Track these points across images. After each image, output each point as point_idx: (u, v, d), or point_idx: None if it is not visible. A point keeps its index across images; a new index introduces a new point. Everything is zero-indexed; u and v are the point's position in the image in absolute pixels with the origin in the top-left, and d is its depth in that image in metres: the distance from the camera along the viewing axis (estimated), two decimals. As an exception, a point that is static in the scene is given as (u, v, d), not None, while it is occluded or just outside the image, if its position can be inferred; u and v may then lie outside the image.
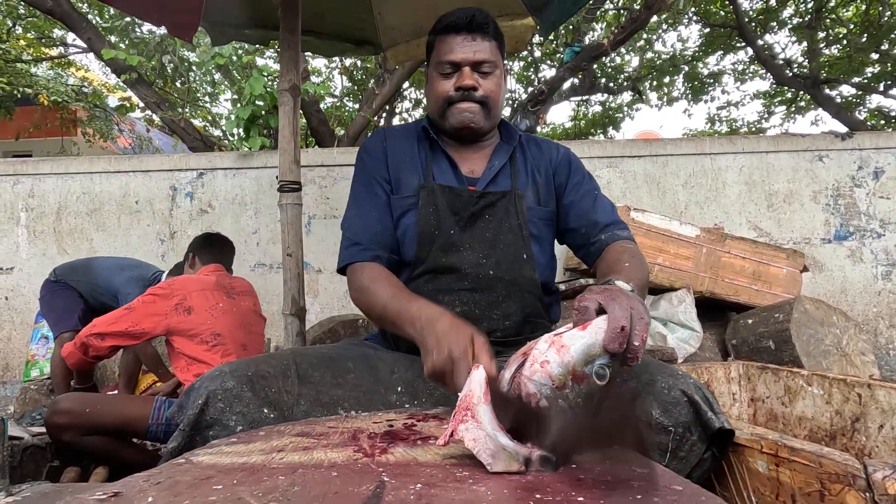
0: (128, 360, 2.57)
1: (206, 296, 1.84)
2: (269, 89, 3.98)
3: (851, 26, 7.24)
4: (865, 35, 6.80)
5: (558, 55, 7.24)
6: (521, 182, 1.17)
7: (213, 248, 2.15)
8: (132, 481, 0.58)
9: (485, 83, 1.12)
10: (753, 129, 10.01)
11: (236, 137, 4.64)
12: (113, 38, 5.75)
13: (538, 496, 0.53)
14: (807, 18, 6.99)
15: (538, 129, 6.64)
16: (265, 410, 0.89)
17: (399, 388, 1.02)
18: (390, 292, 1.00)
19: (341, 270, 1.13)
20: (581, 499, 0.52)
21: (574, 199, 1.18)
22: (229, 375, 0.89)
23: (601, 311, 0.70)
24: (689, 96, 9.42)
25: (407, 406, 1.00)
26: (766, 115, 9.86)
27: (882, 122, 8.37)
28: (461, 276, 1.08)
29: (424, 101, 9.23)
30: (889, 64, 7.11)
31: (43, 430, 1.73)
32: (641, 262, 1.02)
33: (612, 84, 8.35)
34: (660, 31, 8.21)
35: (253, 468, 0.62)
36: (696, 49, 8.60)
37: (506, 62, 1.22)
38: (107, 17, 6.47)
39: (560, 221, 1.20)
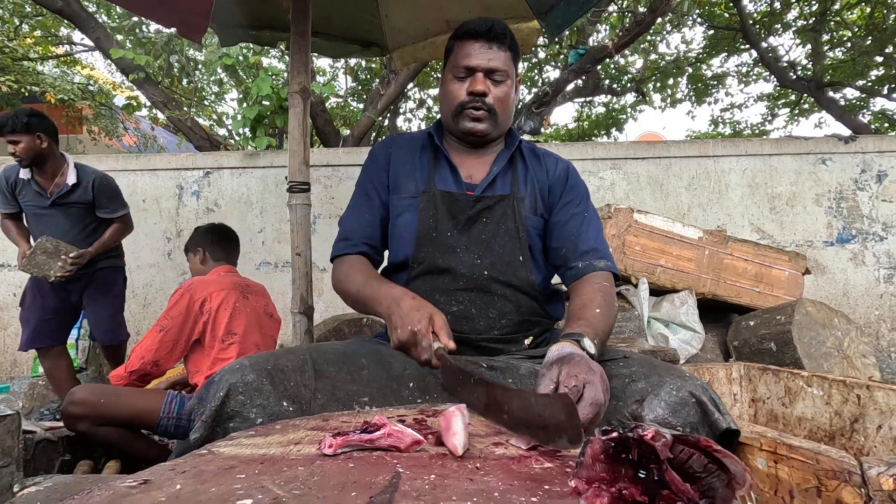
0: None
1: (224, 296, 1.89)
2: (275, 89, 4.02)
3: (856, 29, 7.24)
4: (870, 38, 6.80)
5: (563, 57, 7.25)
6: (520, 188, 1.20)
7: (226, 248, 2.16)
8: (159, 470, 0.61)
9: (495, 90, 1.15)
10: (757, 131, 10.01)
11: (242, 137, 4.68)
12: (120, 38, 5.79)
13: (546, 487, 0.55)
14: (811, 21, 7.00)
15: (542, 130, 6.66)
16: (284, 403, 0.91)
17: (411, 384, 1.05)
18: (363, 278, 1.12)
19: (332, 261, 1.24)
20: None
21: (561, 219, 1.19)
22: (249, 369, 0.91)
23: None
24: (693, 98, 9.43)
25: (419, 401, 1.03)
26: (769, 118, 9.87)
27: (886, 125, 8.37)
28: (457, 276, 1.13)
29: (430, 101, 9.28)
30: (893, 67, 7.12)
31: (55, 424, 1.76)
32: (611, 305, 1.05)
33: (615, 86, 8.36)
34: (664, 32, 8.22)
35: (273, 459, 0.64)
36: (700, 51, 8.61)
37: (518, 74, 1.25)
38: (114, 16, 6.50)
39: (545, 236, 1.22)
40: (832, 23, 7.17)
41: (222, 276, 2.00)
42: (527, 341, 1.17)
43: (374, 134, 6.50)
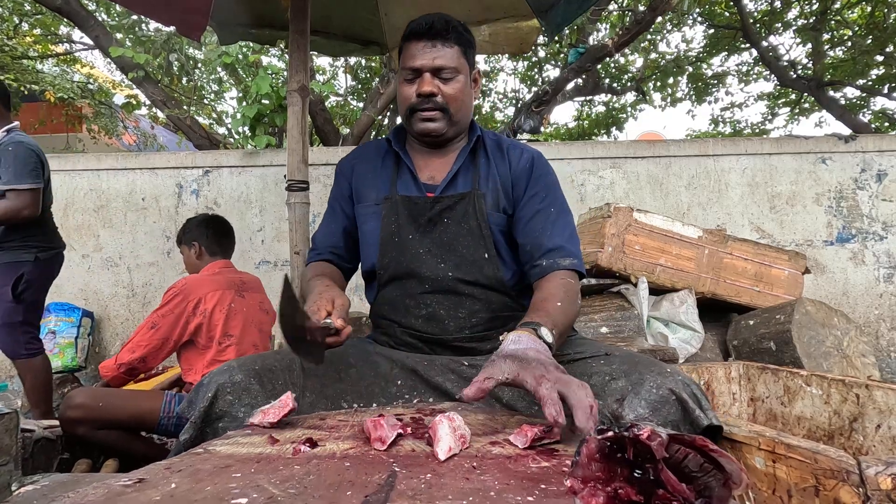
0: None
1: (219, 297, 1.88)
2: (274, 88, 4.01)
3: (856, 28, 7.23)
4: (870, 37, 6.79)
5: (562, 56, 7.24)
6: (481, 184, 1.17)
7: (223, 242, 2.13)
8: (155, 469, 0.61)
9: (445, 89, 1.13)
10: (757, 130, 10.00)
11: (242, 135, 4.68)
12: (119, 36, 5.78)
13: (543, 486, 0.55)
14: (811, 20, 6.99)
15: (542, 129, 6.66)
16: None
17: (399, 382, 1.06)
18: (310, 281, 1.16)
19: None
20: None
21: (526, 215, 1.15)
22: (237, 369, 0.93)
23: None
24: (693, 97, 9.41)
25: (407, 397, 1.03)
26: (769, 117, 9.85)
27: (886, 124, 8.36)
28: (422, 280, 1.13)
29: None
30: (894, 66, 7.11)
31: (53, 423, 1.76)
32: (573, 300, 1.03)
33: (615, 85, 8.35)
34: (664, 31, 8.21)
35: (269, 458, 0.64)
36: (701, 50, 8.59)
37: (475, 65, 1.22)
38: (114, 14, 6.50)
39: (511, 231, 1.18)
40: (833, 22, 7.16)
41: (217, 273, 1.98)
42: (501, 338, 1.15)
43: (373, 133, 6.50)
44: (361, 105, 7.40)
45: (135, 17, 5.77)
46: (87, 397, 1.64)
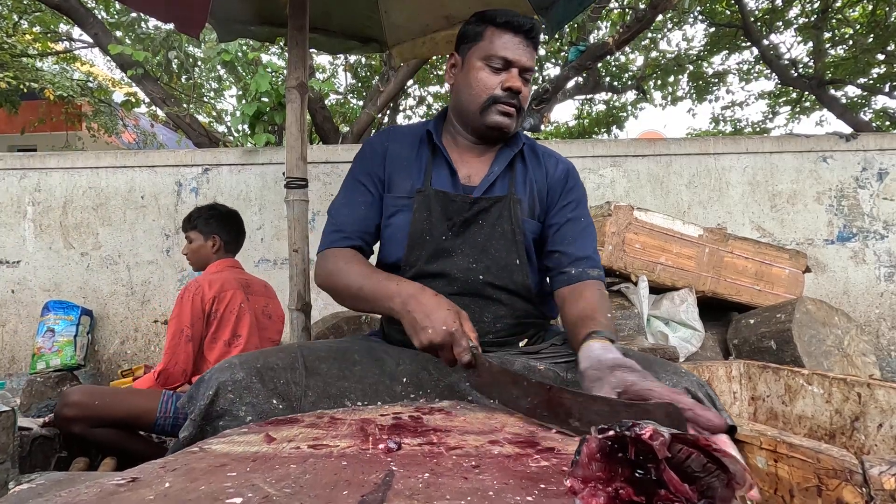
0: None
1: (231, 296, 1.88)
2: (274, 86, 4.00)
3: (858, 27, 7.22)
4: (872, 36, 6.78)
5: (563, 54, 7.23)
6: (518, 189, 1.17)
7: (240, 241, 2.11)
8: (149, 468, 0.60)
9: (524, 90, 1.13)
10: (758, 129, 9.99)
11: (241, 133, 4.67)
12: (119, 34, 5.77)
13: (542, 486, 0.54)
14: (813, 18, 6.97)
15: (542, 127, 6.64)
16: (274, 401, 0.91)
17: (404, 380, 1.04)
18: (366, 272, 1.05)
19: (319, 253, 1.17)
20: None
21: (558, 222, 1.17)
22: (239, 367, 0.91)
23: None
24: (694, 96, 9.39)
25: (412, 396, 1.02)
26: (770, 116, 9.84)
27: (887, 123, 8.35)
28: (451, 280, 1.10)
29: (430, 98, 9.25)
30: (895, 65, 7.09)
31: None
32: (611, 309, 1.05)
33: (616, 83, 8.34)
34: (665, 30, 8.19)
35: (265, 457, 0.63)
36: (701, 48, 8.58)
37: None
38: (113, 12, 6.49)
39: (541, 239, 1.19)
40: (834, 20, 7.14)
41: (226, 272, 1.97)
42: (521, 343, 1.15)
43: (373, 131, 6.49)
44: (361, 103, 7.39)
45: (134, 14, 5.76)
46: (82, 395, 1.63)
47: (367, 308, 1.05)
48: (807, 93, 7.67)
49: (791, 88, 8.08)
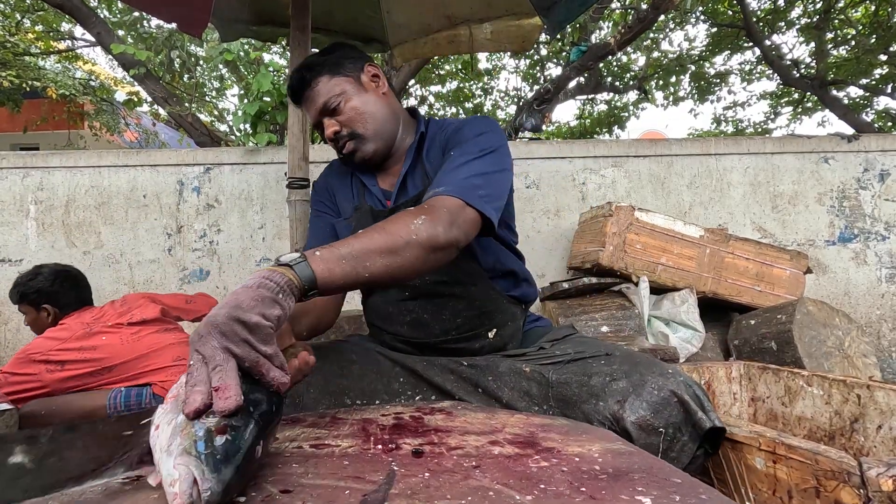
0: None
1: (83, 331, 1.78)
2: (276, 85, 4.01)
3: (860, 27, 7.20)
4: (874, 36, 6.76)
5: (564, 54, 7.23)
6: (431, 177, 1.12)
7: (81, 294, 1.96)
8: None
9: (342, 117, 1.12)
10: (759, 129, 9.98)
11: (243, 133, 4.67)
12: (121, 33, 5.78)
13: (542, 486, 0.55)
14: (815, 19, 6.96)
15: (543, 127, 6.65)
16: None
17: (401, 379, 1.06)
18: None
19: None
20: (584, 489, 0.54)
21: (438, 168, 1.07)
22: None
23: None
24: (696, 96, 9.39)
25: (409, 394, 1.03)
26: (772, 116, 9.83)
27: (889, 124, 8.33)
28: (402, 287, 1.12)
29: (432, 98, 9.25)
30: (897, 66, 7.08)
31: None
32: (394, 221, 0.87)
33: (617, 83, 8.34)
34: (667, 30, 8.19)
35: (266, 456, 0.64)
36: (703, 49, 8.57)
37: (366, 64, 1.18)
38: (115, 11, 6.50)
39: None
40: (836, 21, 7.13)
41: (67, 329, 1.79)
42: (490, 334, 1.13)
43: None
44: (363, 103, 7.38)
45: (136, 13, 5.77)
46: (33, 406, 1.65)
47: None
48: (809, 93, 7.66)
49: (793, 89, 8.07)
